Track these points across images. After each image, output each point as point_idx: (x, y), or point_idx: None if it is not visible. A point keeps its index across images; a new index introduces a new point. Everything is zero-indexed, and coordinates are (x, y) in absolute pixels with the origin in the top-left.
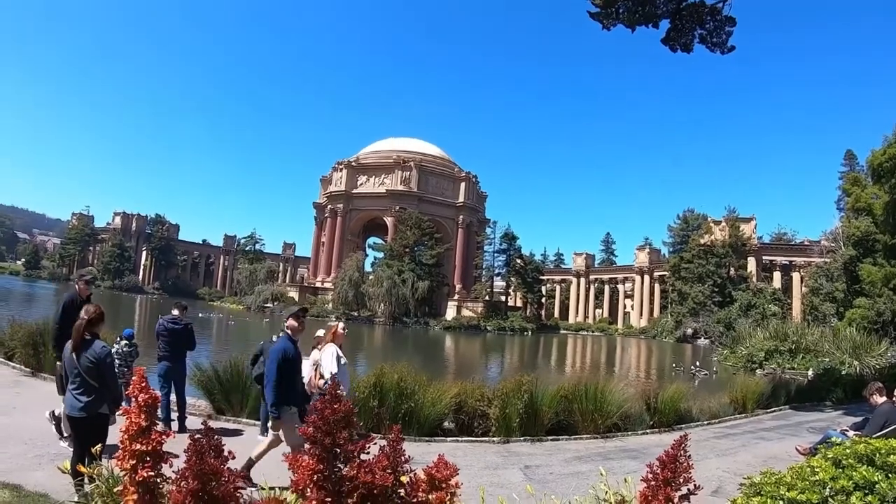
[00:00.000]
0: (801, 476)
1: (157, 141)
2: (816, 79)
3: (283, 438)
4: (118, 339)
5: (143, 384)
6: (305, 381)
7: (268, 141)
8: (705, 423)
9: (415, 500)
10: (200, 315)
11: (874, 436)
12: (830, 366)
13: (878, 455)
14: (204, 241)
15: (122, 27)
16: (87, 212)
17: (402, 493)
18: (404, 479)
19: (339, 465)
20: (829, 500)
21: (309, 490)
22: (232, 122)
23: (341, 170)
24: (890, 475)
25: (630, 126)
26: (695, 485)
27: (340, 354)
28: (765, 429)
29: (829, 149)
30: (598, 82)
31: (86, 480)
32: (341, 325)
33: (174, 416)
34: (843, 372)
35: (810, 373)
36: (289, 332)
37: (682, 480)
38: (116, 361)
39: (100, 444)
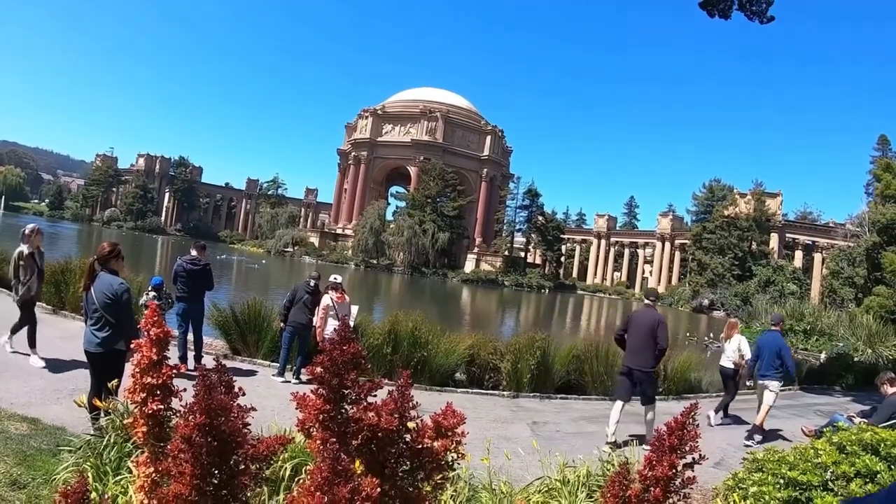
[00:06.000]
0: (804, 457)
1: (183, 84)
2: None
3: None
4: (148, 290)
5: (156, 318)
6: (327, 330)
7: (294, 87)
8: (713, 394)
9: (419, 445)
10: (220, 257)
11: (881, 426)
12: (844, 351)
13: (882, 445)
14: (227, 184)
15: None
16: (111, 153)
17: (407, 439)
18: (411, 424)
19: (346, 407)
20: (829, 483)
21: (314, 430)
22: (259, 67)
23: (367, 117)
24: (893, 466)
25: (662, 92)
26: (700, 454)
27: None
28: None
29: (864, 132)
30: (633, 45)
31: (102, 414)
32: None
33: (191, 355)
34: (856, 358)
35: (823, 356)
36: None
37: (688, 448)
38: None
39: (116, 380)
